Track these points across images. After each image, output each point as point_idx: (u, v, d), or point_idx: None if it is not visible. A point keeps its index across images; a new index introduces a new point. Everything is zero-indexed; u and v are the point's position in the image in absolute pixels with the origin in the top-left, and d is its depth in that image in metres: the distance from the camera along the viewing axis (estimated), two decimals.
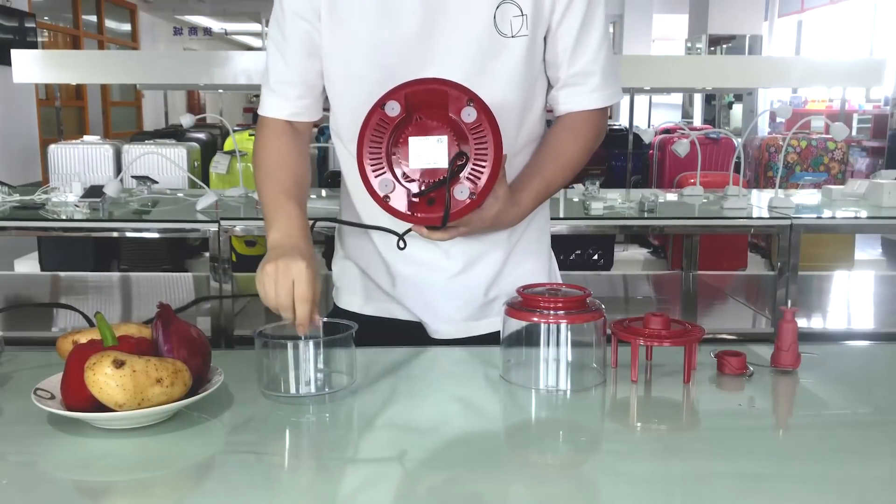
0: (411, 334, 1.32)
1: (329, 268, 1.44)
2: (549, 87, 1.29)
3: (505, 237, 1.30)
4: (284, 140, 1.28)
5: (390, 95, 1.09)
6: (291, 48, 1.25)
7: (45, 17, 11.10)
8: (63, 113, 5.39)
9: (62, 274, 3.77)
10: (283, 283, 1.07)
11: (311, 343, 1.06)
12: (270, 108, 1.29)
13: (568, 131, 1.29)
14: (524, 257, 1.34)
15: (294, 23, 1.23)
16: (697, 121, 11.12)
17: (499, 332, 1.14)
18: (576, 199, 3.07)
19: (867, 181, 3.13)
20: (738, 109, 11.72)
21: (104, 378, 0.89)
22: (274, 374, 1.06)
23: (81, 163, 4.31)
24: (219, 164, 4.14)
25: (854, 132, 8.85)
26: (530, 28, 1.20)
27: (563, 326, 1.07)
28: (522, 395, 1.08)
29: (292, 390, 1.05)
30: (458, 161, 1.07)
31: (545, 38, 1.24)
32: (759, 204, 3.04)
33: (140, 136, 5.51)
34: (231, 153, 4.09)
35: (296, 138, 1.29)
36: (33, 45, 9.64)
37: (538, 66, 1.25)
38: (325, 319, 1.12)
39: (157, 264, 4.19)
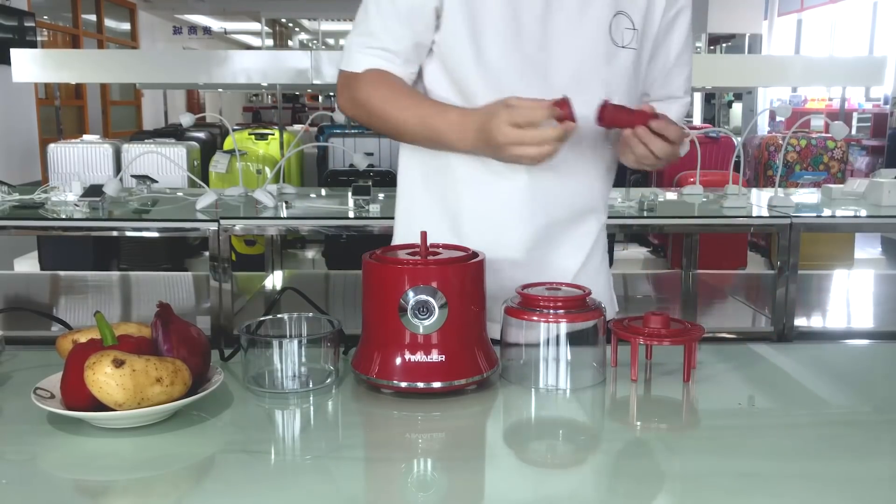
0: None
1: (328, 267, 1.43)
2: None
3: (574, 252, 1.33)
4: (385, 75, 1.25)
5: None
6: (399, 18, 1.23)
7: (45, 17, 11.09)
8: (62, 112, 5.39)
9: (62, 273, 3.77)
10: (529, 135, 1.08)
11: (294, 340, 1.07)
12: (363, 65, 1.26)
13: None
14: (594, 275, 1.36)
15: None
16: (697, 120, 11.11)
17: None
18: None
19: (867, 180, 3.12)
20: (737, 108, 11.73)
21: (104, 377, 0.89)
22: (260, 370, 1.07)
23: (81, 162, 4.31)
24: (218, 163, 4.15)
25: (854, 131, 8.84)
26: (639, 43, 1.26)
27: (562, 326, 1.07)
28: (522, 395, 1.08)
29: (277, 386, 1.06)
30: None
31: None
32: (759, 203, 3.04)
33: (140, 135, 5.52)
34: (231, 152, 4.09)
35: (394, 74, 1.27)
36: (33, 45, 9.62)
37: (640, 82, 1.29)
38: (312, 314, 1.14)
39: (157, 263, 4.19)
